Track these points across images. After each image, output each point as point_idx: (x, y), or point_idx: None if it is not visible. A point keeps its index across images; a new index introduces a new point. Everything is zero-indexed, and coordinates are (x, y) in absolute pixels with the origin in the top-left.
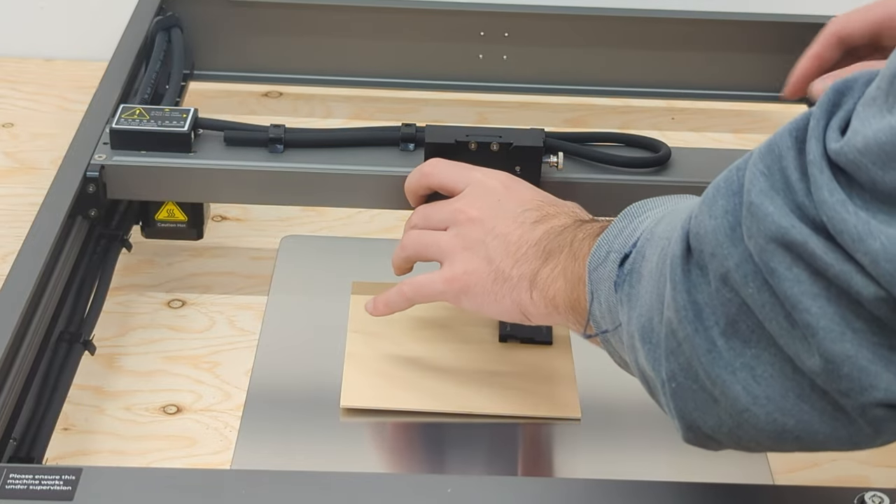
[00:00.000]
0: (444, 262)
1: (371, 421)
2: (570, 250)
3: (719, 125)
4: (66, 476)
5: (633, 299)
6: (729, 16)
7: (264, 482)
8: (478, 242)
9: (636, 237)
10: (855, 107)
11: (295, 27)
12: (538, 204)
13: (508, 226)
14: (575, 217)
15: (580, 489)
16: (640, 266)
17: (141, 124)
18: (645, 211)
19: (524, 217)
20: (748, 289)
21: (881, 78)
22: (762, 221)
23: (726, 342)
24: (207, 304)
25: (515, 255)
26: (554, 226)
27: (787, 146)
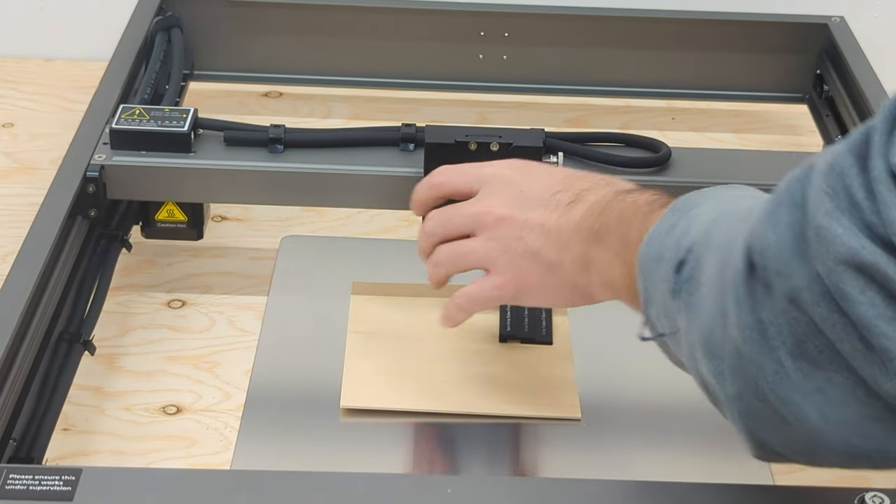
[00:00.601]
0: (488, 269)
1: (371, 421)
2: (618, 233)
3: (719, 125)
4: (65, 476)
5: (692, 309)
6: (729, 16)
7: (264, 482)
8: (515, 240)
9: (690, 241)
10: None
11: (295, 27)
12: (565, 183)
13: (542, 214)
14: (612, 187)
15: (580, 489)
16: (699, 274)
17: (141, 124)
18: (694, 206)
19: (556, 201)
20: (818, 309)
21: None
22: (831, 244)
23: (794, 363)
24: (207, 305)
25: (559, 242)
26: (592, 203)
27: (849, 164)
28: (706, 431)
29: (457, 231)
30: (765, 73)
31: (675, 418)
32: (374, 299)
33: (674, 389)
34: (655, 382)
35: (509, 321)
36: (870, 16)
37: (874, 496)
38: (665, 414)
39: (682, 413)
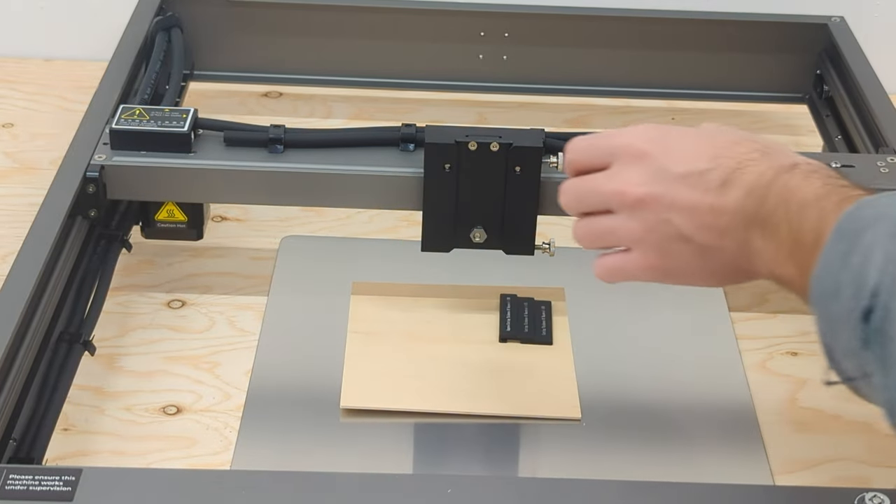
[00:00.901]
0: (632, 249)
1: (371, 421)
2: (788, 227)
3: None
4: (65, 477)
5: (888, 365)
6: (729, 16)
7: (264, 482)
8: (662, 223)
9: (873, 283)
10: None
11: (295, 27)
12: (711, 158)
13: (691, 195)
14: (769, 162)
15: (580, 489)
16: (890, 327)
17: (141, 124)
18: (863, 229)
19: (706, 181)
20: None
21: None
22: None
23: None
24: (207, 305)
25: (716, 227)
26: (750, 184)
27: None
28: (706, 431)
29: (593, 209)
30: (765, 73)
31: (674, 418)
32: (374, 299)
33: (673, 389)
34: (655, 382)
35: (509, 321)
36: (870, 16)
37: (874, 496)
38: (665, 414)
39: (682, 413)
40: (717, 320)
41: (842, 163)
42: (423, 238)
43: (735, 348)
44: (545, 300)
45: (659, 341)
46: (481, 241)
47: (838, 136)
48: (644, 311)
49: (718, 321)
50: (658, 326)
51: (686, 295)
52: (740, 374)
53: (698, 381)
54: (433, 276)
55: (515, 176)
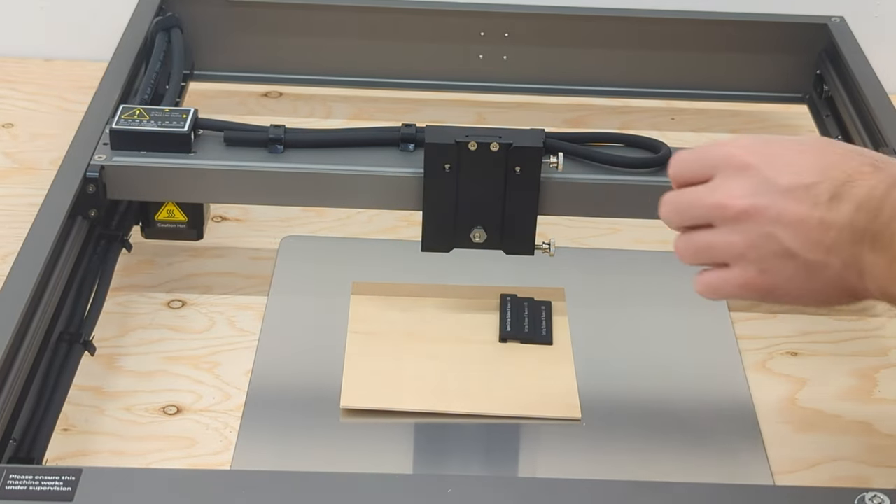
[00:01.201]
0: (733, 265)
1: (371, 421)
2: (884, 252)
3: (719, 125)
4: (65, 477)
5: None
6: (729, 16)
7: (264, 482)
8: (765, 237)
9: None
10: None
11: (295, 27)
12: (819, 171)
13: (798, 209)
14: (880, 176)
15: (580, 489)
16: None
17: (141, 125)
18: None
19: (815, 194)
20: None
21: None
22: None
23: None
24: (207, 305)
25: (823, 244)
26: (862, 198)
27: None
28: (706, 431)
29: (693, 222)
30: (765, 73)
31: (674, 418)
32: (374, 299)
33: (673, 389)
34: (655, 382)
35: (509, 321)
36: (870, 16)
37: (874, 496)
38: (665, 414)
39: (682, 413)
40: (717, 320)
41: None
42: (423, 238)
43: (735, 348)
44: (545, 300)
45: (659, 341)
46: (481, 241)
47: (838, 136)
48: (644, 310)
49: (718, 321)
50: (658, 326)
51: (686, 295)
52: (740, 374)
53: (698, 380)
54: (433, 276)
55: (515, 176)
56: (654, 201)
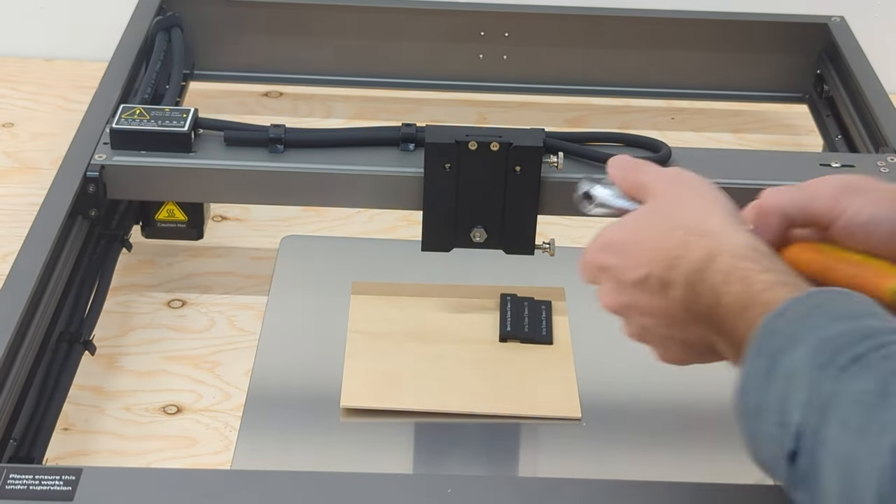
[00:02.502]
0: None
1: (371, 421)
2: (725, 337)
3: (719, 125)
4: (66, 476)
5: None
6: (729, 16)
7: (264, 482)
8: (642, 328)
9: (796, 423)
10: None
11: (295, 27)
12: (649, 263)
13: (651, 300)
14: (690, 261)
15: (580, 489)
16: (818, 477)
17: (141, 124)
18: (781, 350)
19: (650, 285)
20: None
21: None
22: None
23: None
24: (207, 304)
25: (679, 324)
26: (683, 283)
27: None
28: (706, 431)
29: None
30: (765, 73)
31: (675, 418)
32: (374, 299)
33: (674, 389)
34: (655, 382)
35: (509, 321)
36: (870, 16)
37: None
38: (665, 414)
39: (682, 413)
40: None
41: (842, 163)
42: (423, 238)
43: None
44: (545, 300)
45: None
46: (481, 241)
47: (838, 135)
48: None
49: None
50: None
51: None
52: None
53: (698, 380)
54: (433, 276)
55: (515, 176)
56: None
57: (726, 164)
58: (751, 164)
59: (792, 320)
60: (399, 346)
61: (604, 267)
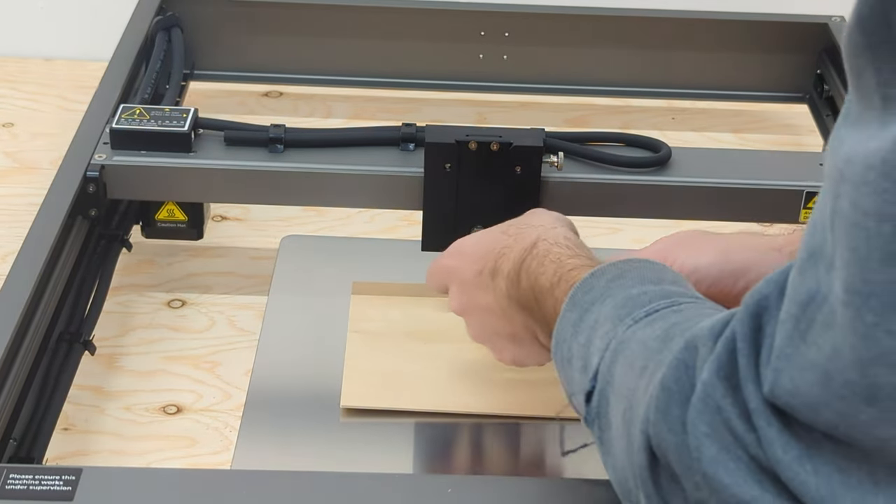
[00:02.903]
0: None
1: (371, 421)
2: (540, 312)
3: (720, 125)
4: (66, 476)
5: (605, 445)
6: (729, 16)
7: (264, 482)
8: (479, 326)
9: (594, 366)
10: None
11: (295, 27)
12: (484, 255)
13: (484, 296)
14: (517, 250)
15: (580, 489)
16: (607, 412)
17: (141, 124)
18: (591, 302)
19: (482, 281)
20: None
21: (788, 301)
22: (720, 493)
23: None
24: (207, 304)
25: (507, 315)
26: (508, 273)
27: (722, 394)
28: None
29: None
30: (765, 73)
31: None
32: (375, 299)
33: None
34: None
35: None
36: None
37: None
38: None
39: None
40: None
41: None
42: (424, 238)
43: None
44: None
45: None
46: None
47: None
48: None
49: None
50: None
51: None
52: None
53: None
54: None
55: (516, 175)
56: (655, 201)
57: (727, 164)
58: (751, 164)
59: (605, 280)
60: (399, 346)
61: (449, 270)
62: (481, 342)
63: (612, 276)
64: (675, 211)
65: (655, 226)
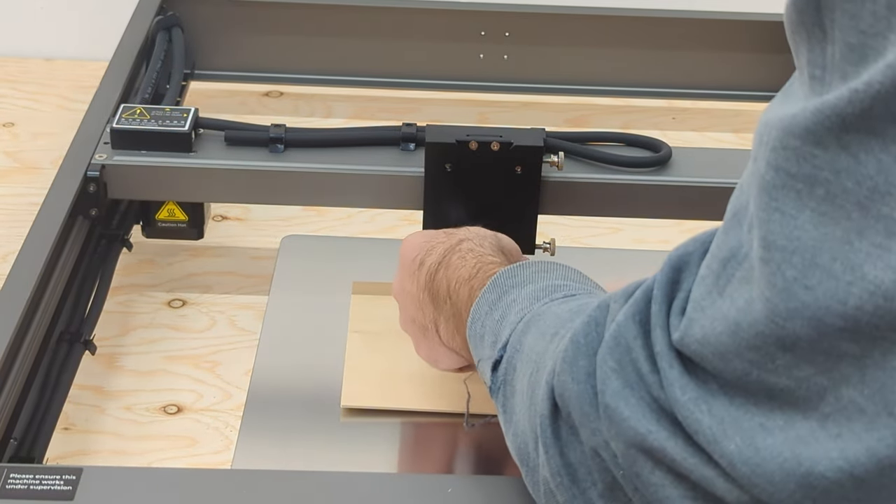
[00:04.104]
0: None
1: (371, 421)
2: (451, 301)
3: (720, 125)
4: (66, 476)
5: (507, 413)
6: (729, 16)
7: (264, 482)
8: (402, 311)
9: (505, 337)
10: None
11: (295, 27)
12: (419, 245)
13: (407, 281)
14: (444, 246)
15: None
16: (513, 378)
17: (141, 124)
18: (513, 286)
19: (413, 266)
20: (617, 470)
21: (711, 257)
22: (619, 426)
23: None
24: (208, 304)
25: (419, 305)
26: (430, 264)
27: (633, 335)
28: None
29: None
30: (766, 73)
31: None
32: (375, 299)
33: None
34: None
35: None
36: None
37: None
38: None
39: None
40: None
41: None
42: None
43: None
44: None
45: None
46: None
47: None
48: None
49: None
50: None
51: None
52: None
53: None
54: None
55: (516, 175)
56: (655, 201)
57: (727, 164)
58: None
59: (530, 270)
60: (399, 346)
61: (401, 255)
62: (405, 330)
63: (539, 269)
64: (675, 211)
65: (655, 226)
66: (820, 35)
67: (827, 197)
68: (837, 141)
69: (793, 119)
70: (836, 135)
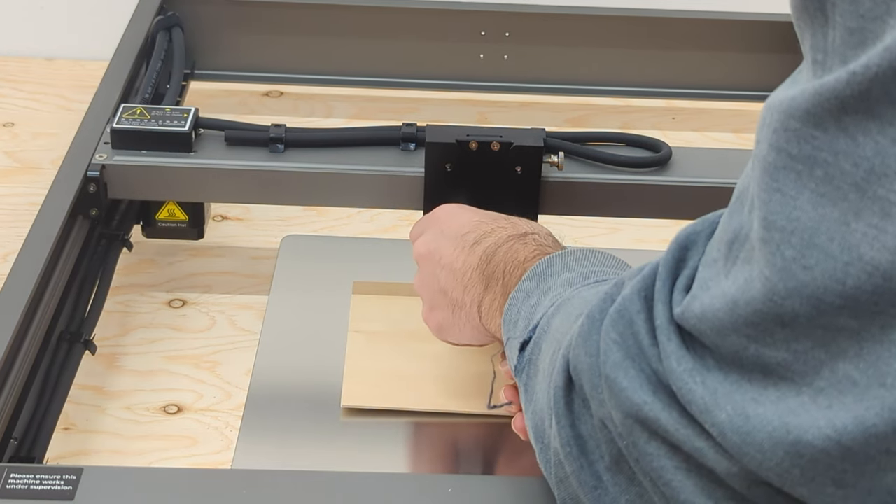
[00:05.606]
0: (422, 301)
1: (371, 421)
2: (503, 282)
3: (720, 125)
4: (66, 476)
5: (529, 392)
6: (729, 16)
7: (264, 482)
8: (431, 277)
9: (536, 319)
10: (698, 265)
11: (296, 27)
12: (476, 224)
13: (451, 253)
14: (509, 232)
15: None
16: (537, 359)
17: (142, 124)
18: (552, 274)
19: (464, 241)
20: (621, 441)
21: (718, 240)
22: (617, 396)
23: (612, 477)
24: (208, 304)
25: (463, 282)
26: (489, 245)
27: (637, 310)
28: None
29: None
30: (766, 73)
31: None
32: (375, 299)
33: None
34: None
35: None
36: None
37: None
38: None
39: None
40: None
41: None
42: None
43: None
44: None
45: None
46: None
47: None
48: None
49: None
50: None
51: None
52: None
53: None
54: None
55: (516, 175)
56: (655, 201)
57: (727, 164)
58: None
59: (569, 259)
60: (399, 346)
61: (438, 219)
62: (421, 293)
63: (577, 257)
64: (675, 211)
65: (655, 226)
66: (822, 20)
67: (826, 178)
68: (836, 123)
69: (793, 101)
70: (836, 117)
